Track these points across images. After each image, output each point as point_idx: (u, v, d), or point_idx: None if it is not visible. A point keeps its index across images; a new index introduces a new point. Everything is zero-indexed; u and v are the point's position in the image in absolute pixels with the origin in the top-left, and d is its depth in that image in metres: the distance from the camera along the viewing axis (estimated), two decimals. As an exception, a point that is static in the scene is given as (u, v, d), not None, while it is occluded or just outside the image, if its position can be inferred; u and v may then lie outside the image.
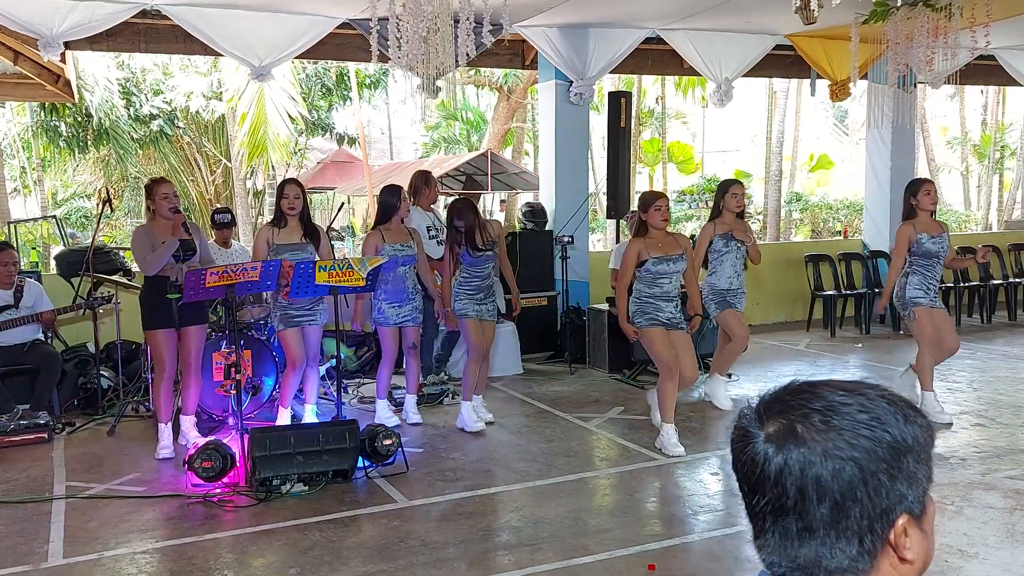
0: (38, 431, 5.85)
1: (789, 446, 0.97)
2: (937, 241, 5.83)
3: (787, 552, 1.00)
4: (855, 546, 0.97)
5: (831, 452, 0.96)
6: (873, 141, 10.14)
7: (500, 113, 20.13)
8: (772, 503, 0.99)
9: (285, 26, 7.24)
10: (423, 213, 6.88)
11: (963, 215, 23.05)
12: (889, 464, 0.96)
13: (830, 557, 0.98)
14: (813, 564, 0.99)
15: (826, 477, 0.96)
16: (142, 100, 17.09)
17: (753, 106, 25.20)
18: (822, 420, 0.98)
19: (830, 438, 0.97)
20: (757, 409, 1.03)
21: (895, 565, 0.99)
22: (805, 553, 0.98)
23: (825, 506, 0.96)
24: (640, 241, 5.47)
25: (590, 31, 8.21)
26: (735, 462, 1.04)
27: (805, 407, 1.00)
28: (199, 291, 5.02)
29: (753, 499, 1.02)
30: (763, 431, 1.00)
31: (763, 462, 0.99)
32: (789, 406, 1.01)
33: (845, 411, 0.98)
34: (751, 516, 1.04)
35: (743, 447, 1.02)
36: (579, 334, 8.01)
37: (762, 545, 1.03)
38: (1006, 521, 4.18)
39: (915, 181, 6.15)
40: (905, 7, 6.68)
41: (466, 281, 5.91)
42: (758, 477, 1.00)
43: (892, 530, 0.97)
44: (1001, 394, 6.79)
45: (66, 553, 4.03)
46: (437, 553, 3.98)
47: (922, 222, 5.85)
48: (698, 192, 19.16)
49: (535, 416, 6.36)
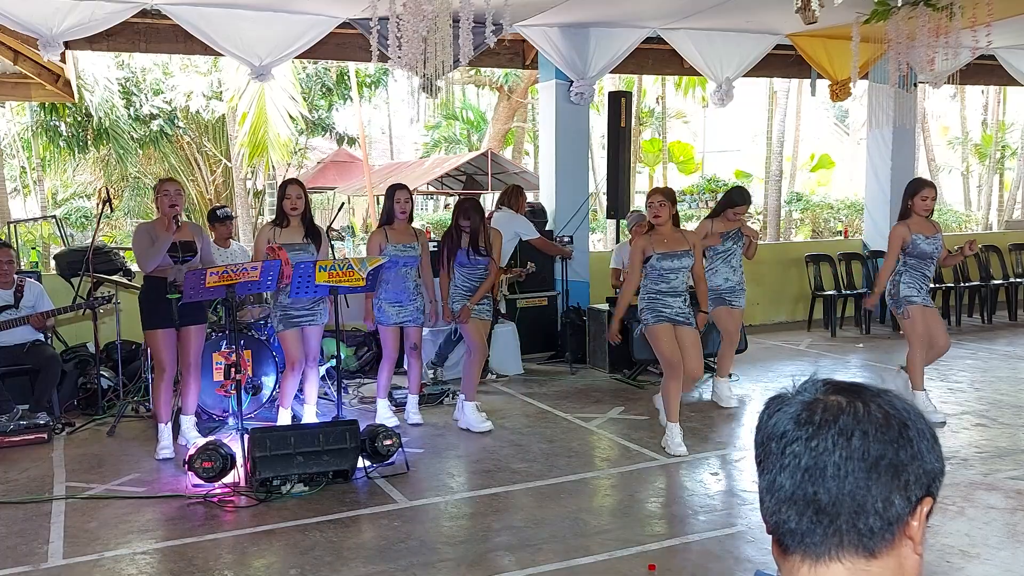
0: (38, 431, 5.85)
1: (864, 397, 1.02)
2: (931, 242, 5.88)
3: (845, 487, 0.99)
4: (901, 498, 0.99)
5: (899, 408, 1.02)
6: (874, 141, 10.13)
7: (500, 113, 20.14)
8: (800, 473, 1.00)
9: (285, 26, 7.24)
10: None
11: (963, 215, 23.03)
12: (930, 438, 1.03)
13: (881, 503, 0.98)
14: (853, 509, 0.98)
15: (898, 422, 1.01)
16: (142, 100, 17.09)
17: (753, 106, 25.19)
18: (878, 391, 1.04)
19: (892, 400, 1.03)
20: (813, 384, 1.06)
21: (906, 556, 1.00)
22: (862, 493, 0.98)
23: (896, 447, 0.99)
24: (645, 237, 5.45)
25: (590, 31, 8.20)
26: (775, 423, 1.04)
27: (858, 384, 1.05)
28: (199, 291, 5.02)
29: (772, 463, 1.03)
30: (826, 397, 1.03)
31: (839, 406, 1.01)
32: (843, 386, 1.05)
33: (884, 392, 1.05)
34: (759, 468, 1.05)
35: (776, 411, 1.05)
36: (579, 334, 8.01)
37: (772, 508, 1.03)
38: (1008, 521, 4.18)
39: (914, 182, 6.16)
40: (906, 7, 6.67)
41: (461, 283, 5.92)
42: (785, 442, 1.01)
43: (921, 505, 1.00)
44: (1002, 394, 6.78)
45: (66, 553, 4.02)
46: (437, 553, 3.98)
47: (917, 223, 5.89)
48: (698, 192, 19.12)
49: (535, 416, 6.35)
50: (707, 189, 18.25)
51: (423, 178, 18.26)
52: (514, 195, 7.69)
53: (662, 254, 5.36)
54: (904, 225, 5.89)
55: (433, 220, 20.57)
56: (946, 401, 6.50)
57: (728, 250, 6.30)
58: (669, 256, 5.36)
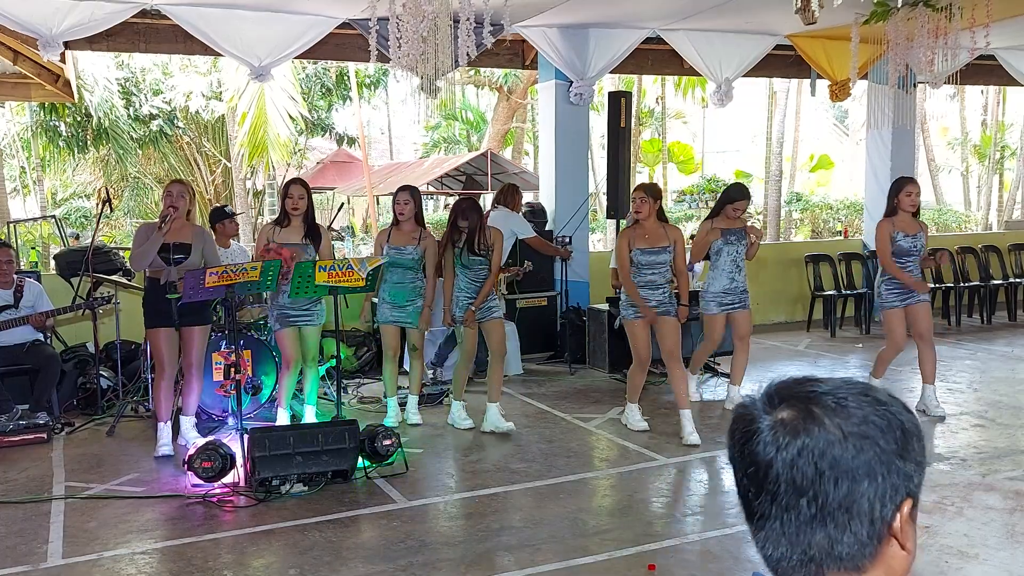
0: (37, 431, 5.85)
1: (809, 427, 0.97)
2: (912, 240, 6.00)
3: (798, 540, 0.99)
4: (865, 527, 0.97)
5: (850, 431, 0.96)
6: (873, 141, 10.13)
7: (500, 113, 20.13)
8: (786, 486, 0.98)
9: (285, 26, 7.24)
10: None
11: (963, 215, 23.02)
12: (899, 445, 0.97)
13: (842, 542, 0.97)
14: (824, 551, 0.98)
15: (847, 456, 0.96)
16: (142, 100, 17.09)
17: (753, 106, 25.20)
18: (834, 402, 0.98)
19: (845, 417, 0.97)
20: (763, 398, 1.03)
21: (894, 554, 0.99)
22: (819, 539, 0.98)
23: (842, 487, 0.96)
24: (629, 231, 5.72)
25: (590, 31, 8.20)
26: (738, 454, 1.03)
27: (815, 392, 1.00)
28: (199, 291, 5.02)
29: (758, 489, 1.01)
30: (773, 417, 1.00)
31: (777, 446, 0.98)
32: (797, 393, 1.01)
33: (850, 395, 0.99)
34: (752, 508, 1.02)
35: (750, 437, 1.01)
36: (579, 334, 8.01)
37: (766, 537, 1.02)
38: (1006, 522, 4.18)
39: (899, 180, 6.27)
40: (905, 7, 6.67)
41: (465, 285, 5.87)
42: (768, 463, 0.99)
43: (899, 514, 0.98)
44: (1001, 395, 6.78)
45: (65, 553, 4.03)
46: (437, 553, 3.98)
47: (901, 220, 6.02)
48: (698, 192, 19.13)
49: (535, 416, 6.36)
50: (707, 189, 18.24)
51: (423, 178, 18.23)
52: (510, 194, 7.69)
53: (642, 249, 5.59)
54: (889, 221, 6.04)
55: (433, 220, 20.53)
56: (945, 402, 6.50)
57: (734, 250, 6.19)
58: (650, 251, 5.59)
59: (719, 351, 6.83)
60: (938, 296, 9.99)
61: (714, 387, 7.23)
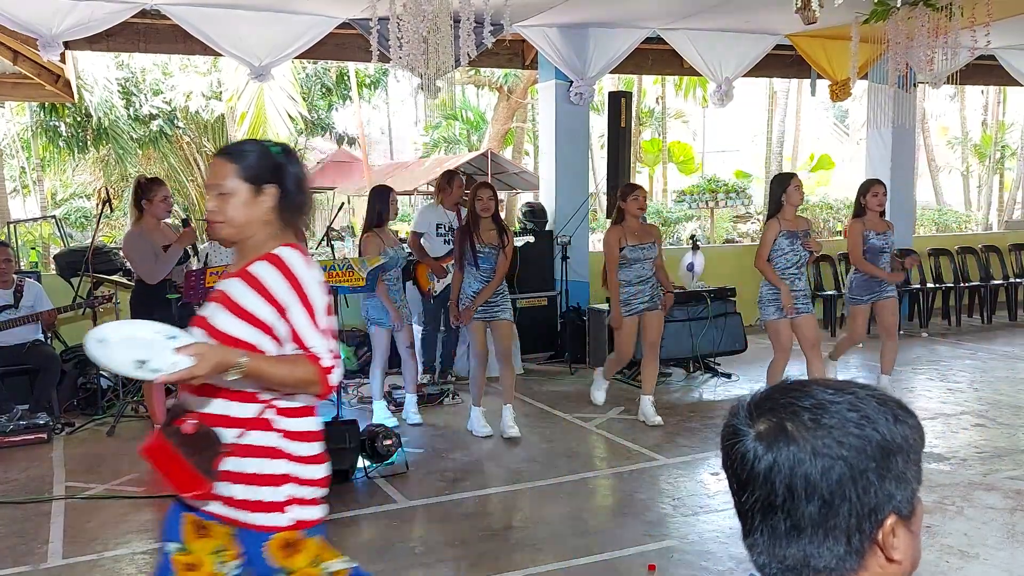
0: (37, 431, 5.85)
1: (779, 444, 0.97)
2: (882, 238, 6.27)
3: (776, 552, 1.00)
4: (843, 545, 0.97)
5: (820, 450, 0.96)
6: (873, 141, 10.12)
7: (500, 113, 20.11)
8: (761, 501, 0.99)
9: (285, 26, 7.23)
10: (444, 212, 6.97)
11: (963, 215, 23.01)
12: (878, 463, 0.96)
13: (818, 556, 0.98)
14: (801, 564, 0.99)
15: (815, 475, 0.96)
16: (142, 100, 17.07)
17: (753, 106, 25.20)
18: (811, 418, 0.98)
19: (819, 436, 0.97)
20: (747, 407, 1.03)
21: (883, 565, 0.99)
22: (793, 552, 0.98)
23: (814, 504, 0.96)
24: (619, 228, 5.85)
25: (590, 31, 8.20)
26: (725, 459, 1.04)
27: (795, 405, 1.00)
28: (199, 291, 5.02)
29: (742, 497, 1.02)
30: (753, 429, 1.00)
31: (753, 460, 0.99)
32: (779, 404, 1.01)
33: (834, 409, 0.98)
34: (740, 514, 1.04)
35: (733, 445, 1.02)
36: (579, 334, 8.00)
37: (752, 544, 1.03)
38: (1007, 522, 4.18)
39: (866, 182, 6.59)
40: (905, 7, 6.67)
41: (472, 280, 5.69)
42: (747, 475, 1.00)
43: (880, 530, 0.97)
44: (1002, 394, 6.78)
45: (65, 553, 4.03)
46: (437, 553, 3.98)
47: (871, 220, 6.29)
48: (698, 192, 19.08)
49: (535, 416, 6.35)
50: (707, 189, 18.19)
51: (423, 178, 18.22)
52: (442, 186, 7.05)
53: (633, 246, 5.79)
54: (860, 221, 6.31)
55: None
56: (945, 401, 6.50)
57: (797, 253, 5.88)
58: (639, 248, 5.81)
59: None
60: (938, 296, 9.99)
61: (714, 387, 7.22)
